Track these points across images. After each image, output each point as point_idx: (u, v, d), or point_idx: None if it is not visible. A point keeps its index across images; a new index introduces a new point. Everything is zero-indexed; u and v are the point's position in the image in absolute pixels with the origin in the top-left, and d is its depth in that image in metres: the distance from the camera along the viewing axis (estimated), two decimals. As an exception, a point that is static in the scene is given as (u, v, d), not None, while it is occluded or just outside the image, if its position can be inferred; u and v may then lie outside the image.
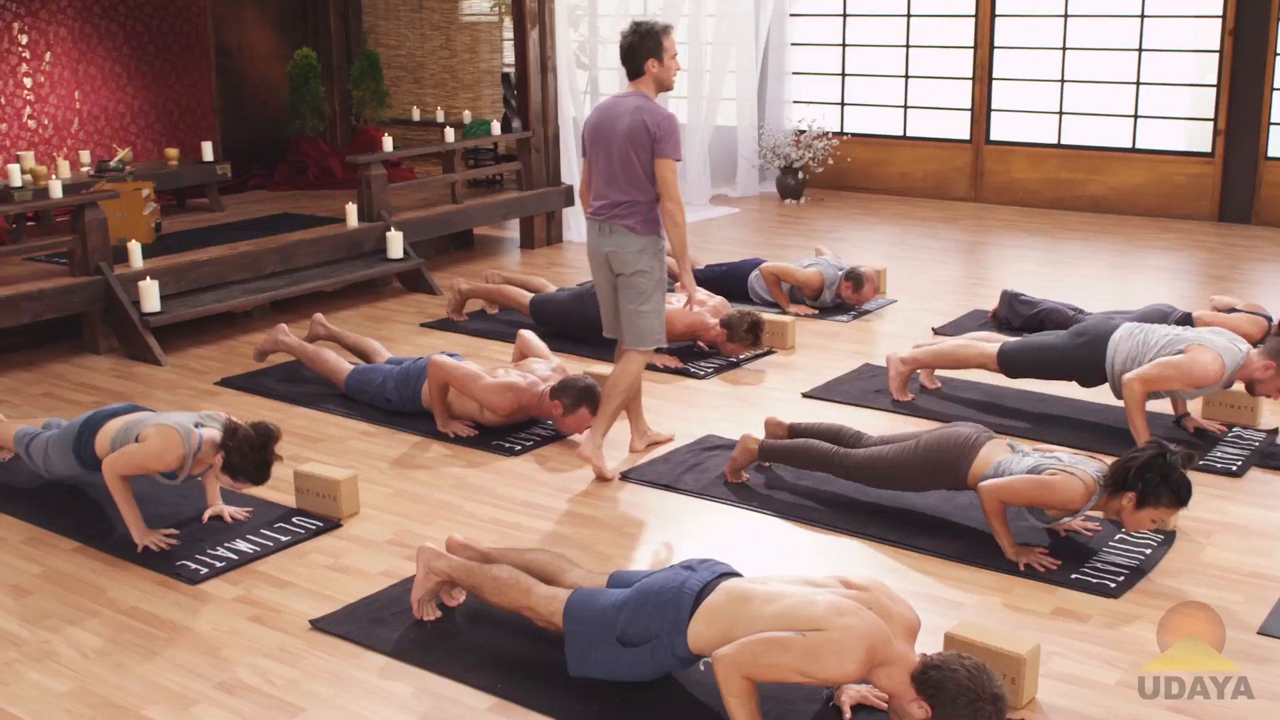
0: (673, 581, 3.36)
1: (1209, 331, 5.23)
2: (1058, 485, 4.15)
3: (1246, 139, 9.70)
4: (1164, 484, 4.03)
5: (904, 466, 4.50)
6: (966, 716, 2.97)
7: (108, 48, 8.89)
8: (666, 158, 4.82)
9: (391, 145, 8.72)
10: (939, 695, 3.00)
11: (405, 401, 5.69)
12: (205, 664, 3.67)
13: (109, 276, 6.64)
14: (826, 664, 3.04)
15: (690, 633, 3.28)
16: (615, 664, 3.39)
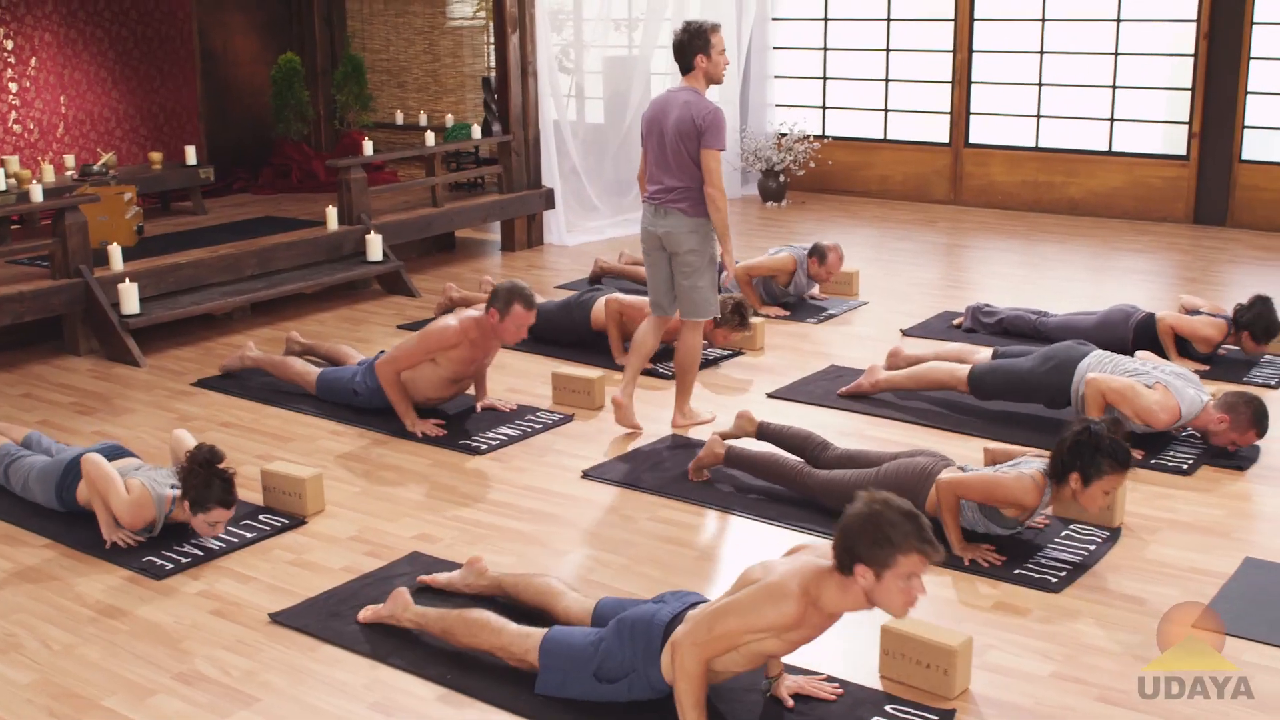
0: (644, 615, 3.44)
1: (1178, 377, 5.30)
2: (1009, 482, 4.27)
3: (1221, 142, 9.80)
4: (1099, 454, 4.15)
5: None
6: (871, 536, 3.05)
7: (93, 53, 9.00)
8: (711, 148, 5.21)
9: (374, 149, 8.83)
10: (849, 533, 3.08)
11: (372, 395, 5.78)
12: (165, 655, 3.78)
13: (89, 279, 6.75)
14: (767, 610, 3.12)
15: (663, 663, 3.35)
16: (591, 694, 3.45)
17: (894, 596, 3.09)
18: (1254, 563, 4.35)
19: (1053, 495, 4.31)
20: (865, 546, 3.06)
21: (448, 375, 5.61)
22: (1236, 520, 4.71)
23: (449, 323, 5.54)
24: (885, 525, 3.05)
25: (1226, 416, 5.19)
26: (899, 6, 11.09)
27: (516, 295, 5.39)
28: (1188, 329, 6.39)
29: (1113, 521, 4.62)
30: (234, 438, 5.63)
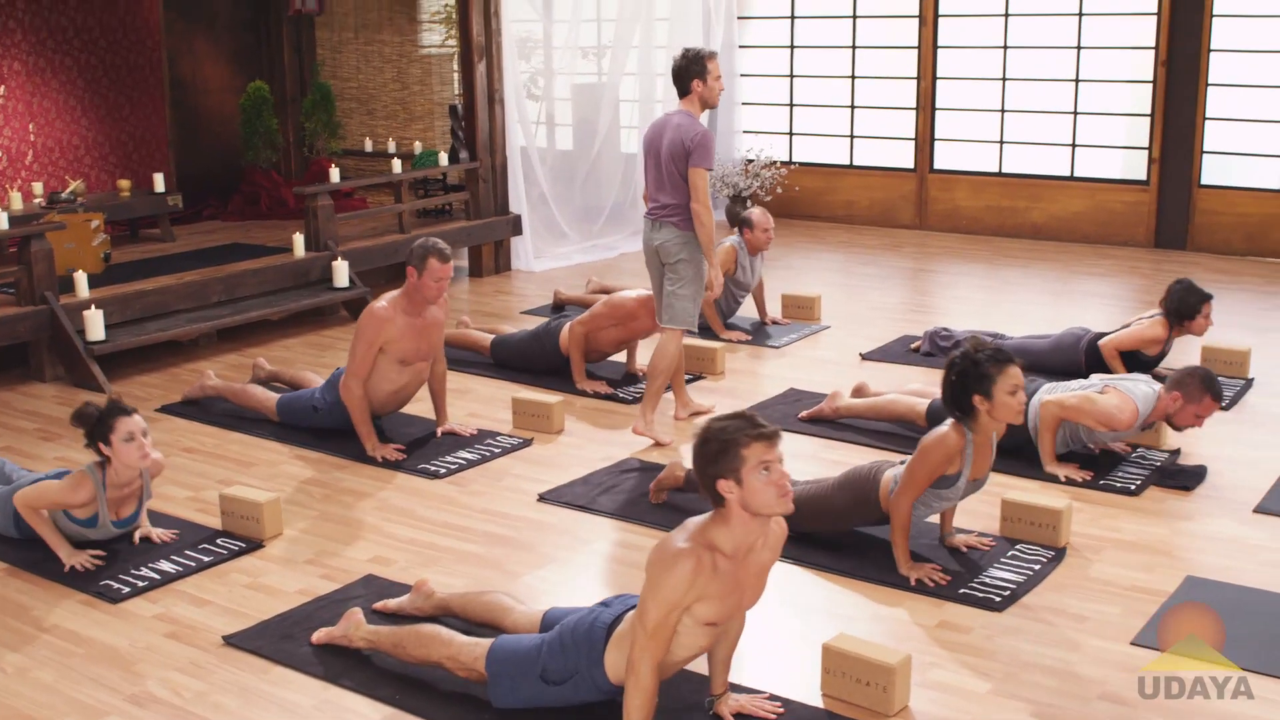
0: (586, 619, 3.51)
1: (1129, 379, 5.43)
2: (930, 448, 4.35)
3: (1180, 167, 9.95)
4: (978, 367, 4.27)
5: (824, 504, 4.65)
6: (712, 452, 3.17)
7: (62, 81, 9.06)
8: (697, 167, 5.60)
9: (343, 176, 8.90)
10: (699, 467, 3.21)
11: (332, 409, 5.83)
12: (119, 678, 3.83)
13: (54, 306, 6.80)
14: (668, 579, 3.19)
15: (606, 663, 3.42)
16: (541, 698, 3.51)
17: (762, 492, 3.17)
18: (1194, 580, 4.44)
19: (974, 434, 4.38)
20: (713, 464, 3.17)
21: (397, 356, 5.64)
22: (1180, 539, 4.80)
23: (376, 304, 5.63)
24: (717, 435, 3.18)
25: (1178, 393, 5.29)
26: (864, 34, 11.24)
27: (430, 250, 5.52)
28: (1130, 340, 6.48)
29: (1058, 542, 4.71)
30: (197, 463, 5.69)
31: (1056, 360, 6.55)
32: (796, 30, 11.63)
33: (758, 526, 3.26)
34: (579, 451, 5.77)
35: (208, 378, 6.41)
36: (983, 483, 4.59)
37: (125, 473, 4.58)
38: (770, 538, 3.36)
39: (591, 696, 3.49)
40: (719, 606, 3.27)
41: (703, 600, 3.23)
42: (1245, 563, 4.59)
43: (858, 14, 11.26)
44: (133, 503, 4.71)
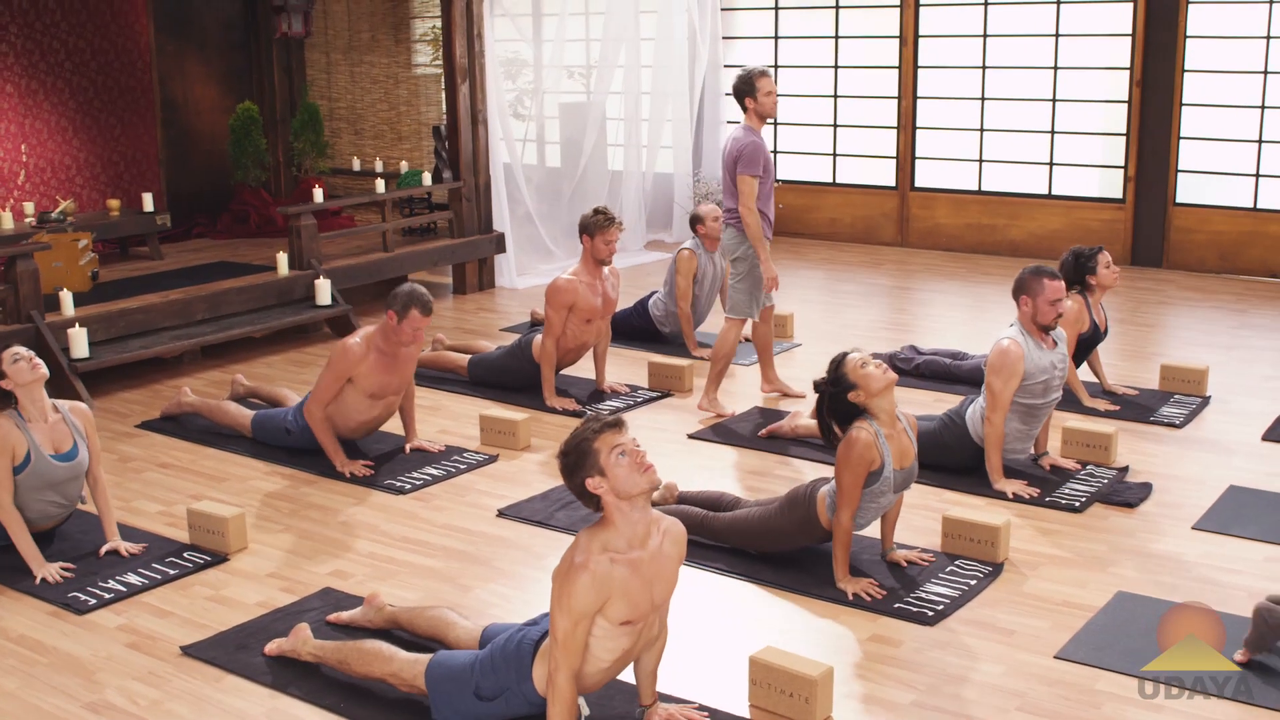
0: (515, 637, 3.67)
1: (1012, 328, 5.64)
2: (844, 455, 4.52)
3: (1155, 186, 10.10)
4: (837, 367, 4.58)
5: (767, 527, 4.80)
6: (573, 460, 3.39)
7: (54, 102, 9.27)
8: (743, 174, 6.38)
9: (331, 194, 9.09)
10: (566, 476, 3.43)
11: (304, 433, 5.99)
12: (78, 686, 4.00)
13: (39, 324, 6.99)
14: (568, 591, 3.35)
15: (534, 678, 3.57)
16: (477, 712, 3.66)
17: (625, 475, 3.35)
18: (1124, 596, 4.58)
19: (877, 424, 4.56)
20: (576, 473, 3.37)
21: (367, 391, 5.81)
22: (1116, 555, 4.94)
23: (351, 340, 5.79)
24: (570, 445, 3.39)
25: (1024, 296, 5.53)
26: (846, 54, 11.42)
27: (414, 300, 5.64)
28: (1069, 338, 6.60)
29: (996, 557, 4.85)
30: (170, 478, 5.86)
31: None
32: (781, 50, 11.81)
33: (640, 515, 3.42)
34: (543, 468, 5.93)
35: (184, 394, 6.59)
36: (912, 470, 4.73)
37: (32, 397, 4.78)
38: (668, 534, 3.51)
39: (524, 710, 3.63)
40: (629, 605, 3.41)
41: (611, 602, 3.38)
42: (1178, 579, 4.72)
43: (840, 35, 11.44)
44: (68, 439, 4.86)
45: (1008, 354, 5.46)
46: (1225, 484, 5.63)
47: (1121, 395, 6.82)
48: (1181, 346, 8.03)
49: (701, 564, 4.84)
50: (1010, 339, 5.52)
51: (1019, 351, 5.47)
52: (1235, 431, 6.35)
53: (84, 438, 4.96)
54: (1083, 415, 6.45)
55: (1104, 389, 6.85)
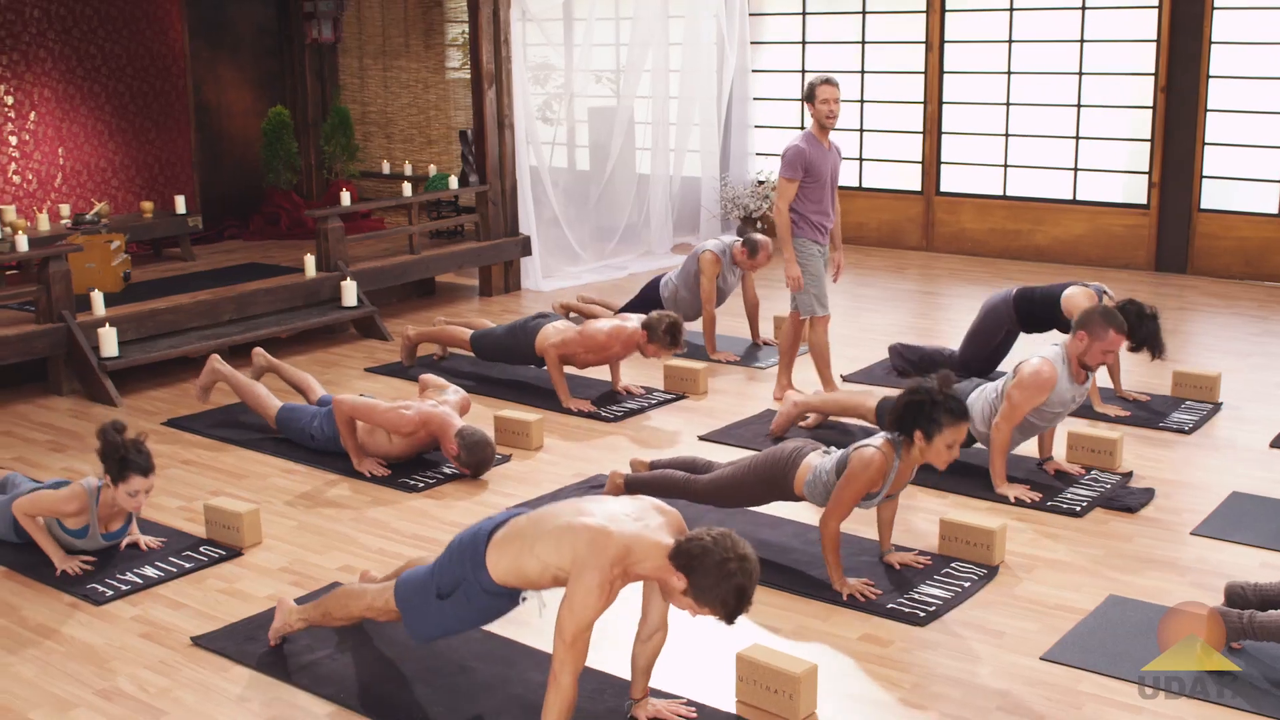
0: (470, 529, 3.83)
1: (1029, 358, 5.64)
2: (857, 474, 4.57)
3: (1180, 191, 10.11)
4: (935, 408, 4.45)
5: (740, 484, 4.97)
6: (716, 575, 3.31)
7: (90, 107, 9.50)
8: (780, 176, 6.76)
9: (361, 197, 9.25)
10: (691, 563, 3.34)
11: (329, 441, 6.16)
12: (91, 674, 4.16)
13: (71, 324, 7.19)
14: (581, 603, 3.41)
15: (488, 564, 3.69)
16: (444, 618, 3.82)
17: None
18: (1115, 599, 4.64)
19: (901, 460, 4.61)
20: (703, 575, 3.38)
21: (398, 451, 6.00)
22: (1111, 559, 5.00)
23: (407, 414, 5.85)
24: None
25: (1083, 332, 5.48)
26: (872, 59, 11.48)
27: (480, 455, 5.77)
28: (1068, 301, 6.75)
29: (992, 560, 4.93)
30: (191, 474, 6.03)
31: (991, 324, 6.95)
32: (808, 55, 11.88)
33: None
34: (553, 468, 6.06)
35: (217, 361, 6.70)
36: (896, 494, 4.83)
37: (119, 510, 4.97)
38: (669, 525, 3.60)
39: (483, 601, 3.74)
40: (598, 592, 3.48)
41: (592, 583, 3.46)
42: (1172, 584, 4.78)
43: (866, 40, 11.50)
44: (121, 518, 5.04)
45: (1040, 375, 5.47)
46: (1229, 490, 5.67)
47: (1133, 401, 6.86)
48: (1198, 353, 8.05)
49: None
50: (1048, 360, 5.51)
51: (1052, 376, 5.48)
52: (1244, 438, 6.38)
53: (138, 512, 5.11)
54: (1091, 420, 6.50)
55: (1117, 394, 6.89)
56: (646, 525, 3.51)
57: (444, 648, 4.25)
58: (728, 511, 5.25)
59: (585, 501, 3.67)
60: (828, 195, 6.81)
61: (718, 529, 3.41)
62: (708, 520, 5.10)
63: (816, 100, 6.62)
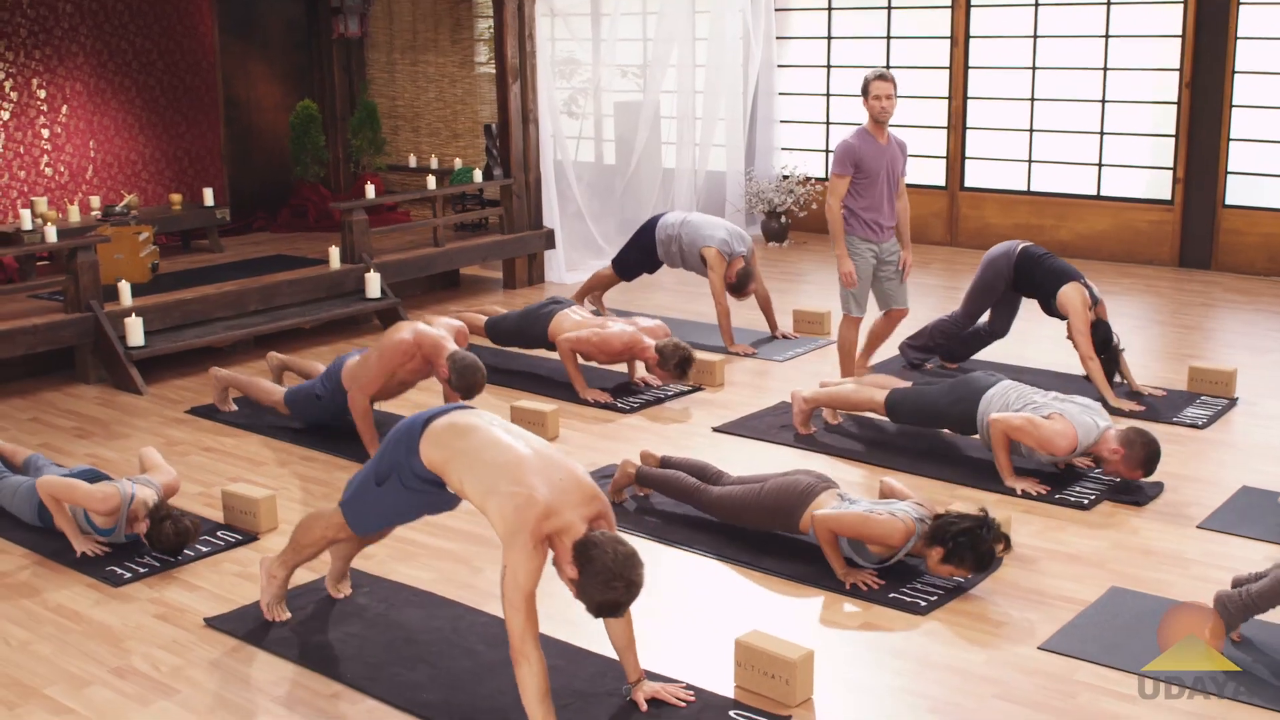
0: (406, 421, 3.99)
1: (1078, 408, 5.62)
2: (880, 523, 4.65)
3: (1204, 187, 10.07)
4: (971, 551, 4.52)
5: (746, 507, 5.03)
6: (601, 585, 3.49)
7: (121, 100, 9.65)
8: (831, 172, 6.80)
9: (387, 190, 9.35)
10: (587, 564, 3.51)
11: (334, 395, 6.23)
12: (107, 652, 4.28)
13: (98, 313, 7.32)
14: (512, 543, 3.54)
15: (421, 452, 3.85)
16: (381, 505, 4.04)
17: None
18: (1118, 591, 4.68)
19: (915, 547, 4.68)
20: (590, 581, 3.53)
21: (402, 379, 6.13)
22: (1116, 552, 5.03)
23: (403, 336, 6.02)
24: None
25: (1121, 450, 5.49)
26: (897, 55, 11.49)
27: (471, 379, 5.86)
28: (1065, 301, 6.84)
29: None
30: (212, 460, 6.15)
31: (990, 278, 7.12)
32: (833, 50, 11.91)
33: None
34: (567, 457, 6.11)
35: (215, 373, 6.87)
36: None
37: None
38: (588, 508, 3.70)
39: (417, 487, 3.94)
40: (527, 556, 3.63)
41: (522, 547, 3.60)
42: (1176, 576, 4.81)
43: (892, 35, 11.51)
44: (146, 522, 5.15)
45: (1057, 441, 5.49)
46: (1239, 485, 5.69)
47: (1148, 396, 6.87)
48: (1218, 349, 8.04)
49: (703, 551, 5.02)
50: (1075, 430, 5.49)
51: (1068, 447, 5.51)
52: (1258, 434, 6.38)
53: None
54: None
55: (1131, 390, 6.91)
56: (568, 500, 3.62)
57: (450, 632, 4.34)
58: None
59: (517, 446, 3.74)
60: (882, 193, 6.79)
61: (627, 548, 3.53)
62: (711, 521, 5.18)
63: (869, 96, 6.60)
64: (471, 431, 3.79)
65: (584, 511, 3.61)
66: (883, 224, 6.83)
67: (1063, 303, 6.78)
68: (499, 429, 3.82)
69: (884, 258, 6.89)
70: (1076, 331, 6.70)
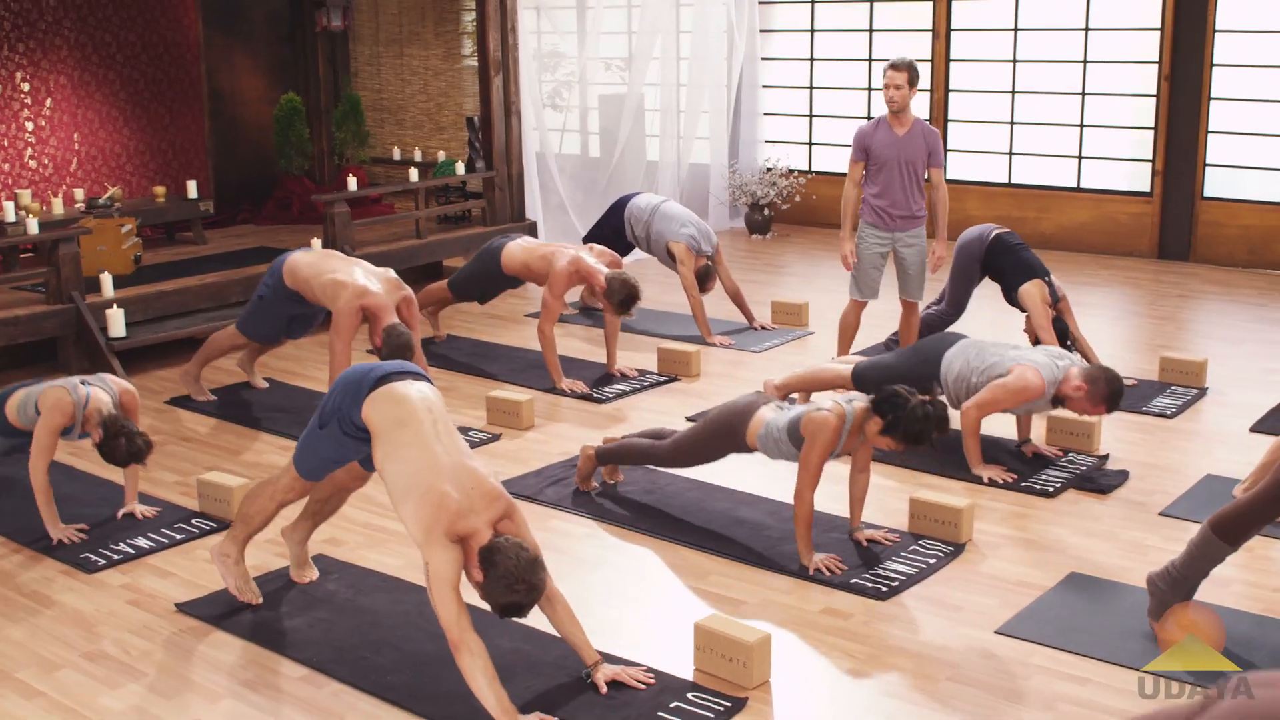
0: (364, 369, 4.13)
1: (1036, 350, 5.75)
2: (815, 436, 4.75)
3: (1183, 179, 10.15)
4: (912, 423, 4.66)
5: (696, 439, 5.17)
6: (503, 588, 3.57)
7: (105, 94, 9.70)
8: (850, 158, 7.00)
9: (366, 184, 9.40)
10: (491, 569, 3.60)
11: (274, 290, 6.57)
12: (78, 637, 4.34)
13: (80, 305, 7.38)
14: (428, 541, 3.66)
15: (363, 410, 3.98)
16: (323, 447, 4.20)
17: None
18: (1076, 577, 4.75)
19: (849, 432, 4.78)
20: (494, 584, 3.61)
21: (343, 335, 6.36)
22: (1078, 539, 5.10)
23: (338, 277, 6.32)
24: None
25: (1084, 386, 5.52)
26: (880, 47, 11.56)
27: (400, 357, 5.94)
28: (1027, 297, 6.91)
29: (959, 538, 5.04)
30: (190, 450, 6.22)
31: (966, 261, 7.17)
32: (816, 43, 11.97)
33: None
34: (542, 447, 6.21)
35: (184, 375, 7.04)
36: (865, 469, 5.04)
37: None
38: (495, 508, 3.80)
39: (351, 434, 4.07)
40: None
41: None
42: (1135, 563, 4.88)
43: (874, 29, 11.58)
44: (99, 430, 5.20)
45: (1029, 388, 5.55)
46: (1203, 473, 5.76)
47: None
48: (1192, 340, 8.13)
49: (675, 539, 5.09)
50: (1039, 374, 5.55)
51: (1039, 390, 5.56)
52: (1226, 423, 6.46)
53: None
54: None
55: None
56: (474, 506, 3.71)
57: (416, 617, 4.41)
58: (708, 505, 5.39)
59: (435, 450, 3.82)
60: (895, 182, 6.88)
61: (529, 553, 3.61)
62: (678, 509, 5.26)
63: (883, 84, 6.77)
64: (406, 422, 3.88)
65: (488, 515, 3.72)
66: (893, 213, 6.93)
67: (1023, 298, 6.87)
68: (426, 426, 3.89)
69: (899, 247, 6.97)
70: (1038, 328, 6.78)
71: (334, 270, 6.38)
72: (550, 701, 3.88)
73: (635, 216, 8.49)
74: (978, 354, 5.81)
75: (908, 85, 6.77)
